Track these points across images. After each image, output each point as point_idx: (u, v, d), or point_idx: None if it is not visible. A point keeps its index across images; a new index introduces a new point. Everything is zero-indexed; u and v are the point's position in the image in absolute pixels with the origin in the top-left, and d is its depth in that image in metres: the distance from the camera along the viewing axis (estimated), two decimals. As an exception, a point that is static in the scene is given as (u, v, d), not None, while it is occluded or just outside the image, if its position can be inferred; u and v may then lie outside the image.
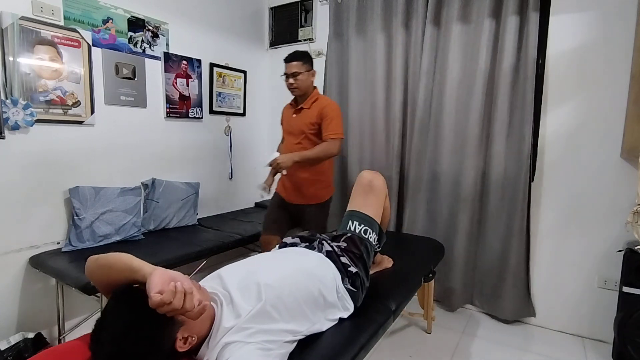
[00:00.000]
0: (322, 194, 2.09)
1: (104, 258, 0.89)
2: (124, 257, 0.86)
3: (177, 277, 0.79)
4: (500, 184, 2.16)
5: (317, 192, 2.07)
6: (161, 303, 0.72)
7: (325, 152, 1.93)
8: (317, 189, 2.06)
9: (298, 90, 1.99)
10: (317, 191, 2.07)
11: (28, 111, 1.75)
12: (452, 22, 2.21)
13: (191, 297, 0.77)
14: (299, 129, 2.02)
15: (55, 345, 0.91)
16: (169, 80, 2.41)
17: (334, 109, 1.97)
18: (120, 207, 2.06)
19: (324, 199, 2.10)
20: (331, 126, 1.93)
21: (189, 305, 0.76)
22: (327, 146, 1.93)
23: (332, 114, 1.95)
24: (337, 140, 1.94)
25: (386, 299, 1.37)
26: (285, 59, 2.00)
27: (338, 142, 1.95)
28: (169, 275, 0.78)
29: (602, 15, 1.90)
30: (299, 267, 1.15)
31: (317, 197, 2.07)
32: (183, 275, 0.82)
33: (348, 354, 1.04)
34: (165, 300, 0.72)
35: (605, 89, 1.92)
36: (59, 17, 1.86)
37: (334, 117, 1.95)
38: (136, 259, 0.85)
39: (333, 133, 1.93)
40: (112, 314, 0.80)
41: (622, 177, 1.91)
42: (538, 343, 2.04)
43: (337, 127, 1.94)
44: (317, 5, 2.89)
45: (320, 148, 1.93)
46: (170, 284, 0.75)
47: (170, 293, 0.73)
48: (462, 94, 2.23)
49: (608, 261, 1.97)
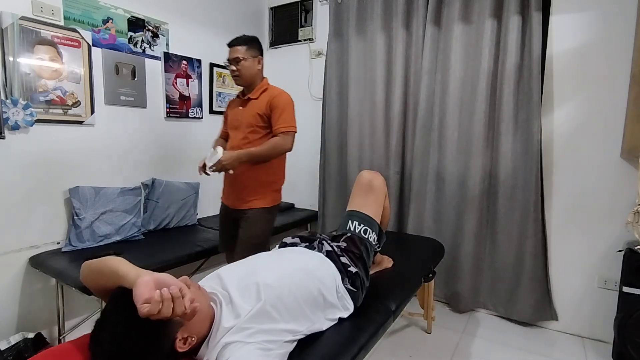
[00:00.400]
0: (267, 198, 1.81)
1: (96, 263, 0.88)
2: (111, 263, 0.85)
3: (163, 281, 0.78)
4: (509, 184, 2.15)
5: (260, 194, 1.79)
6: (149, 314, 0.71)
7: (276, 148, 1.70)
8: (261, 191, 1.79)
9: (241, 79, 1.77)
10: (260, 194, 1.79)
11: (28, 111, 1.75)
12: (453, 22, 2.20)
13: (180, 301, 0.75)
14: (246, 121, 1.77)
15: (55, 345, 0.90)
16: (169, 80, 2.41)
17: (284, 99, 1.74)
18: (120, 207, 2.06)
19: (268, 205, 1.81)
20: (282, 118, 1.71)
21: (178, 310, 0.75)
22: (278, 141, 1.70)
23: (283, 104, 1.72)
24: (289, 135, 1.72)
25: (386, 299, 1.36)
26: (228, 43, 1.78)
27: (291, 136, 1.73)
28: (155, 281, 0.76)
29: (602, 15, 1.90)
30: (299, 266, 1.15)
31: (260, 200, 1.79)
32: (170, 278, 0.80)
33: (348, 354, 1.04)
34: (152, 311, 0.71)
35: (605, 89, 1.92)
36: (59, 17, 1.86)
37: (286, 108, 1.72)
38: (123, 265, 0.83)
39: (284, 126, 1.71)
40: (111, 315, 0.80)
41: (622, 177, 1.91)
42: (538, 343, 2.04)
43: (289, 119, 1.72)
44: (317, 5, 2.89)
45: (270, 144, 1.70)
46: (156, 292, 0.73)
47: (156, 303, 0.72)
48: (465, 94, 2.23)
49: (608, 261, 1.97)
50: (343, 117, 2.70)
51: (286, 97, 1.76)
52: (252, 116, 1.75)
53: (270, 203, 1.82)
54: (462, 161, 2.27)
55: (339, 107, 2.72)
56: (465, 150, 2.25)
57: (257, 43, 1.80)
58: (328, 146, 2.76)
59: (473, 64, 2.19)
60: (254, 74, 1.78)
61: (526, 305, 2.14)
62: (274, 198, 1.85)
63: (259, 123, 1.75)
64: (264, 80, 1.83)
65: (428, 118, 2.36)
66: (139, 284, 0.75)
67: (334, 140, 2.74)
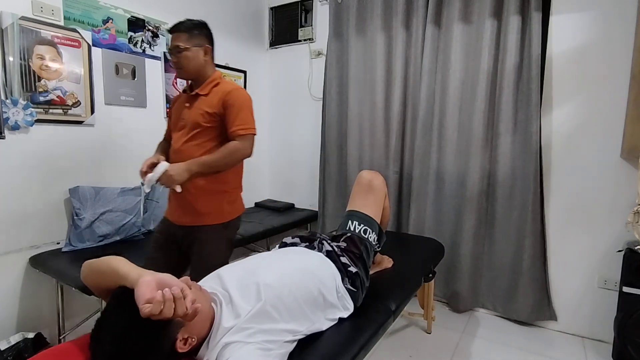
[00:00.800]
0: (224, 211, 1.50)
1: (96, 263, 0.89)
2: (112, 263, 0.85)
3: (166, 281, 0.78)
4: (508, 184, 2.15)
5: (213, 207, 1.48)
6: (150, 315, 0.72)
7: (234, 154, 1.43)
8: (214, 203, 1.48)
9: (182, 71, 1.49)
10: (213, 206, 1.48)
11: (28, 111, 1.75)
12: (453, 22, 2.21)
13: (181, 301, 0.76)
14: (192, 120, 1.47)
15: (55, 345, 0.90)
16: (169, 80, 2.41)
17: (241, 96, 1.47)
18: (120, 207, 2.06)
19: (226, 218, 1.51)
20: (239, 118, 1.43)
21: (180, 310, 0.75)
22: (236, 147, 1.42)
23: (240, 102, 1.44)
24: (248, 137, 1.45)
25: (386, 299, 1.36)
26: (168, 28, 1.52)
27: (250, 139, 1.46)
28: (156, 281, 0.77)
29: (602, 15, 1.90)
30: (299, 266, 1.15)
31: (216, 214, 1.49)
32: (172, 278, 0.80)
33: (348, 354, 1.04)
34: (153, 311, 0.71)
35: (605, 89, 1.92)
36: (59, 17, 1.86)
37: (243, 107, 1.45)
38: (124, 264, 0.84)
39: (242, 128, 1.43)
40: (112, 314, 0.80)
41: (622, 177, 1.91)
42: (538, 343, 2.04)
43: (247, 119, 1.45)
44: (317, 5, 2.89)
45: (226, 150, 1.42)
46: (158, 293, 0.74)
47: (158, 304, 0.72)
48: (465, 94, 2.23)
49: (608, 261, 1.97)
50: (343, 117, 2.70)
51: (243, 94, 1.49)
52: (199, 115, 1.45)
53: (227, 217, 1.51)
54: (462, 161, 2.27)
55: (339, 107, 2.72)
56: (464, 150, 2.25)
57: (203, 30, 1.52)
58: (328, 146, 2.76)
59: (473, 64, 2.19)
60: (198, 66, 1.49)
61: (525, 305, 2.14)
62: (231, 210, 1.53)
63: (208, 123, 1.45)
64: (216, 74, 1.54)
65: (428, 118, 2.36)
66: (140, 283, 0.75)
67: (334, 140, 2.74)
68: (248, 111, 1.48)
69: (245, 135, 1.45)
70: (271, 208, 3.02)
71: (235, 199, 1.58)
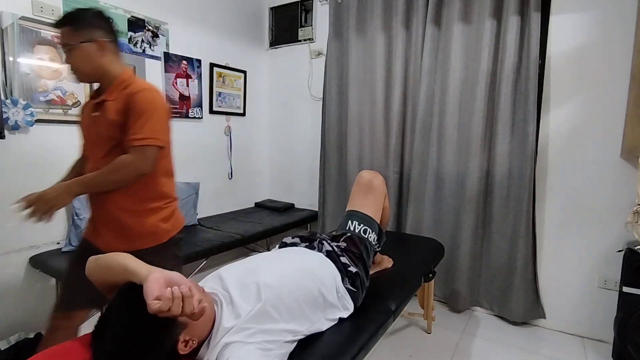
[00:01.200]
0: (159, 230, 1.28)
1: (103, 259, 0.89)
2: (120, 259, 0.86)
3: (174, 279, 0.78)
4: (505, 184, 2.16)
5: (149, 228, 1.25)
6: (159, 311, 0.72)
7: (121, 170, 1.16)
8: (148, 223, 1.25)
9: (77, 74, 1.22)
10: (149, 227, 1.25)
11: (28, 111, 1.75)
12: (453, 22, 2.21)
13: (190, 300, 0.76)
14: (104, 132, 1.21)
15: (55, 345, 0.90)
16: (169, 80, 2.41)
17: (145, 99, 1.18)
18: (120, 207, 2.05)
19: (163, 238, 1.28)
20: (138, 125, 1.15)
21: (188, 309, 0.75)
22: (124, 162, 1.15)
23: (143, 105, 1.16)
24: (144, 150, 1.16)
25: (386, 299, 1.36)
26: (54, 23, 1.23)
27: (147, 152, 1.16)
28: (165, 279, 0.77)
29: (602, 15, 1.90)
30: (299, 266, 1.15)
31: (151, 236, 1.26)
32: (181, 277, 0.81)
33: (348, 354, 1.04)
34: (162, 308, 0.72)
35: (605, 89, 1.92)
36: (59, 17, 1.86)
37: (145, 111, 1.16)
38: (132, 260, 0.84)
39: (140, 137, 1.15)
40: (116, 312, 0.79)
41: (622, 177, 1.91)
42: (538, 343, 2.04)
43: (147, 127, 1.16)
44: (317, 5, 2.89)
45: (113, 166, 1.16)
46: (167, 290, 0.74)
47: (167, 300, 0.73)
48: (465, 94, 2.23)
49: (608, 261, 1.97)
50: (343, 117, 2.70)
51: (149, 97, 1.19)
52: (109, 125, 1.19)
53: (164, 236, 1.29)
54: (461, 161, 2.27)
55: (339, 107, 2.72)
56: (464, 150, 2.25)
57: (93, 19, 1.21)
58: (328, 146, 2.76)
59: (472, 64, 2.19)
60: (95, 67, 1.20)
61: (517, 304, 2.16)
62: (168, 228, 1.30)
63: (117, 134, 1.18)
64: (125, 73, 1.24)
65: (427, 118, 2.36)
66: (150, 280, 0.75)
67: (334, 140, 2.74)
68: (152, 117, 1.17)
69: (141, 147, 1.15)
70: (271, 208, 3.02)
71: (171, 214, 1.32)
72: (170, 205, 1.33)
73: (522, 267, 2.12)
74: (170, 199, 1.33)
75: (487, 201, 2.25)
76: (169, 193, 1.32)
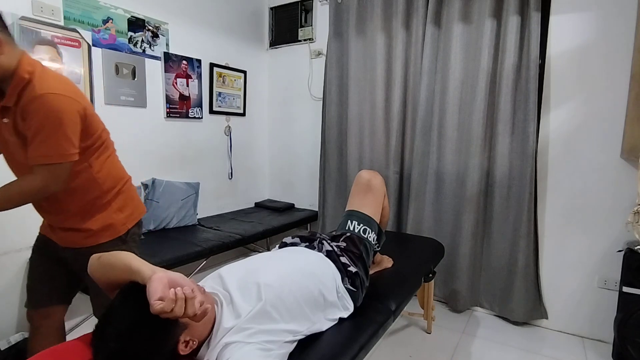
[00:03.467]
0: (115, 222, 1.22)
1: (106, 257, 0.89)
2: (124, 257, 0.86)
3: (177, 280, 0.78)
4: (505, 184, 2.16)
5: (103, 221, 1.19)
6: (161, 312, 0.71)
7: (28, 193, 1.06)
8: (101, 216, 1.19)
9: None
10: (102, 220, 1.19)
11: (28, 111, 1.74)
12: (453, 22, 2.21)
13: (192, 302, 0.76)
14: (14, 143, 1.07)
15: (55, 345, 0.90)
16: (169, 80, 2.41)
17: (44, 107, 1.00)
18: (120, 207, 2.05)
19: (121, 231, 1.23)
20: (37, 141, 1.01)
21: (190, 311, 0.75)
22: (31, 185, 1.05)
23: (41, 115, 1.00)
24: (52, 168, 1.03)
25: (386, 299, 1.36)
26: None
27: (56, 169, 1.04)
28: (168, 279, 0.77)
29: (602, 15, 1.90)
30: (299, 266, 1.15)
31: (107, 229, 1.20)
32: (184, 278, 0.81)
33: (348, 354, 1.04)
34: (165, 309, 0.71)
35: (605, 89, 1.92)
36: (59, 17, 1.86)
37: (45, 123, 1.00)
38: (136, 260, 0.84)
39: (39, 155, 1.02)
40: (118, 310, 0.79)
41: (622, 177, 1.91)
42: (538, 343, 2.04)
43: (54, 142, 1.01)
44: (317, 5, 2.89)
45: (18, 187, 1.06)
46: (170, 291, 0.74)
47: (170, 301, 0.72)
48: (465, 94, 2.23)
49: (608, 261, 1.97)
50: (343, 117, 2.70)
51: (49, 103, 1.00)
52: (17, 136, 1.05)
53: (122, 229, 1.23)
54: (461, 161, 2.27)
55: (339, 107, 2.72)
56: (464, 150, 2.25)
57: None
58: (328, 146, 2.76)
59: (473, 64, 2.19)
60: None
61: (518, 305, 2.15)
62: (124, 219, 1.24)
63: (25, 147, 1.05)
64: (22, 65, 1.02)
65: (428, 118, 2.36)
66: (153, 280, 0.75)
67: (334, 140, 2.74)
68: (56, 130, 1.01)
69: (45, 166, 1.02)
70: (271, 208, 3.02)
71: (125, 202, 1.24)
72: (120, 193, 1.23)
73: (523, 267, 2.12)
74: (117, 188, 1.23)
75: (487, 201, 2.25)
76: (113, 184, 1.22)
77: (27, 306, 1.31)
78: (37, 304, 1.29)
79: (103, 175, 1.20)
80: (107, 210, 1.21)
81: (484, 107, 2.15)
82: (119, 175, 1.27)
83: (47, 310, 1.29)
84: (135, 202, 1.31)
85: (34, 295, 1.30)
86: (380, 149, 2.54)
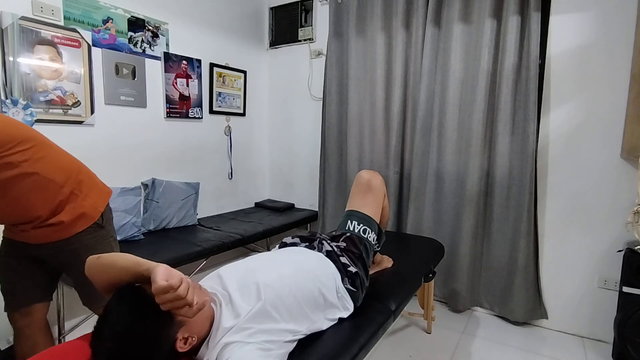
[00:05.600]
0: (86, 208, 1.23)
1: (106, 257, 0.90)
2: (125, 255, 0.88)
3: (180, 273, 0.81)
4: (505, 184, 2.16)
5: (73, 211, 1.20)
6: (168, 288, 0.73)
7: None
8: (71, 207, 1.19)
9: None
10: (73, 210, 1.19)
11: (28, 111, 1.75)
12: (453, 22, 2.21)
13: (192, 290, 0.78)
14: None
15: (55, 345, 0.90)
16: (169, 80, 2.41)
17: None
18: (120, 207, 2.05)
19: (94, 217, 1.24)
20: None
21: (190, 296, 0.76)
22: None
23: None
24: None
25: (386, 299, 1.36)
26: None
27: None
28: (173, 269, 0.80)
29: (602, 15, 1.90)
30: (299, 266, 1.15)
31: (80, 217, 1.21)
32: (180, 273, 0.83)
33: (348, 354, 1.04)
34: (173, 284, 0.73)
35: (605, 89, 1.92)
36: (59, 17, 1.86)
37: None
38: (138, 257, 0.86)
39: None
40: (114, 311, 0.80)
41: (622, 177, 1.91)
42: (538, 343, 2.04)
43: None
44: (317, 5, 2.89)
45: None
46: (175, 272, 0.78)
47: (177, 279, 0.75)
48: (465, 94, 2.23)
49: (608, 261, 1.97)
50: (343, 117, 2.70)
51: None
52: None
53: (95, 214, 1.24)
54: (461, 161, 2.27)
55: (339, 107, 2.72)
56: (464, 150, 2.25)
57: None
58: (328, 146, 2.76)
59: (473, 64, 2.19)
60: None
61: (518, 305, 2.15)
62: (93, 204, 1.25)
63: None
64: None
65: (428, 118, 2.36)
66: (159, 266, 0.78)
67: (334, 140, 2.74)
68: None
69: None
70: (271, 208, 3.02)
71: (90, 187, 1.24)
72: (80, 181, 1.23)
73: (523, 267, 2.12)
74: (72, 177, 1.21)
75: (487, 201, 2.25)
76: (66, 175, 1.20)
77: (8, 309, 1.30)
78: (18, 305, 1.29)
79: (48, 170, 1.16)
80: (75, 200, 1.21)
81: (484, 107, 2.15)
82: (66, 165, 1.24)
83: (29, 310, 1.29)
84: (100, 186, 1.32)
85: (13, 297, 1.30)
86: (380, 149, 2.54)
